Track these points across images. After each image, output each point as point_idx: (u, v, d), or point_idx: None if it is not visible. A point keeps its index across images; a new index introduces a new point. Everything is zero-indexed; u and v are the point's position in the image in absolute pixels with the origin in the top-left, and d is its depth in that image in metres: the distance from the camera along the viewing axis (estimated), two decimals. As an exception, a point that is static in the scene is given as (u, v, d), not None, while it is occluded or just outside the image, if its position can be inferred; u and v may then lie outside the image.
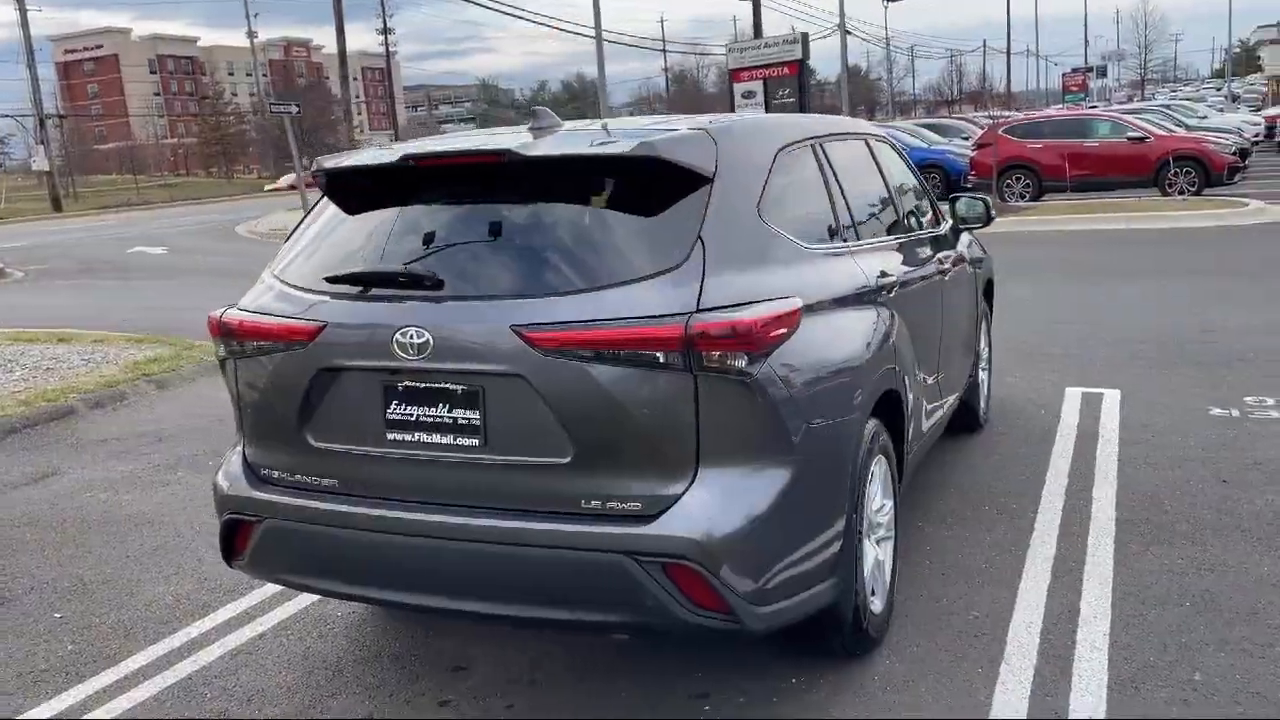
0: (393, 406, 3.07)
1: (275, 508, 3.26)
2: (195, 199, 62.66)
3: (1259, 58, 78.88)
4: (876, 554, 3.63)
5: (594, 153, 3.14)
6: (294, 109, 29.49)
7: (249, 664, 3.85)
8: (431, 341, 2.94)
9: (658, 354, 2.79)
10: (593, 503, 2.88)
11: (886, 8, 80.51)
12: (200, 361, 9.59)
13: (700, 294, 2.84)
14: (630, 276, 2.88)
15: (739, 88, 36.69)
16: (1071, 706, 3.26)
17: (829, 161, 3.93)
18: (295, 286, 3.28)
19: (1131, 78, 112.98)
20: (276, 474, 3.32)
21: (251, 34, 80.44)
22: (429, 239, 3.17)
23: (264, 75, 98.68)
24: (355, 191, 3.43)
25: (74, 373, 9.19)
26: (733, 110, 36.66)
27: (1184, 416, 6.26)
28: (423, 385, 3.02)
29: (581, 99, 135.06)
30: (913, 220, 4.89)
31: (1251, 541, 4.42)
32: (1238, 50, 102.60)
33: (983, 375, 6.22)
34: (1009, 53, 74.07)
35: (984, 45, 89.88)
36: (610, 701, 3.45)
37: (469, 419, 2.98)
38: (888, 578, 3.76)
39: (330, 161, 3.44)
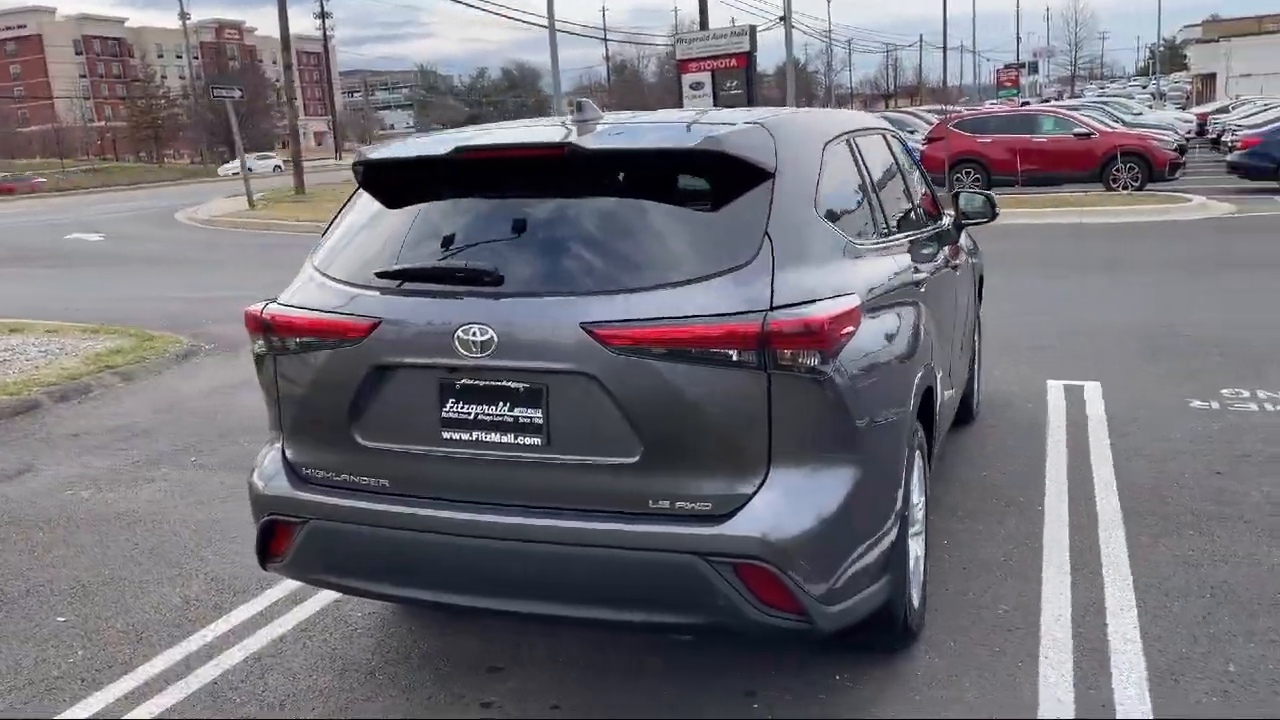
0: (449, 405, 3.00)
1: (321, 508, 3.17)
2: (133, 184, 61.02)
3: (1185, 56, 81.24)
4: (914, 549, 3.65)
5: (657, 147, 3.10)
6: (237, 93, 28.90)
7: (275, 667, 3.75)
8: (495, 339, 2.87)
9: (731, 352, 2.76)
10: (661, 503, 2.85)
11: (829, 1, 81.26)
12: (164, 353, 9.34)
13: (772, 291, 2.81)
14: (700, 274, 2.84)
15: (687, 79, 36.72)
16: (1117, 700, 3.31)
17: (861, 156, 3.93)
18: (343, 281, 3.18)
19: (1060, 74, 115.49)
20: (321, 474, 3.22)
21: (184, 15, 78.51)
22: (485, 234, 3.09)
23: (195, 58, 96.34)
24: (399, 184, 3.34)
25: (32, 365, 8.88)
26: (681, 102, 36.73)
27: (1167, 409, 6.40)
28: (482, 383, 2.95)
29: (521, 87, 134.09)
30: (923, 214, 4.92)
31: (1256, 533, 4.53)
32: (1163, 49, 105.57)
33: (975, 368, 6.30)
34: (945, 48, 75.20)
35: (920, 40, 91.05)
36: (658, 701, 3.42)
37: (531, 418, 2.92)
38: (921, 572, 3.78)
39: (375, 153, 3.34)
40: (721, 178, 2.98)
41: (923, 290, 3.95)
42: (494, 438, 2.97)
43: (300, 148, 34.15)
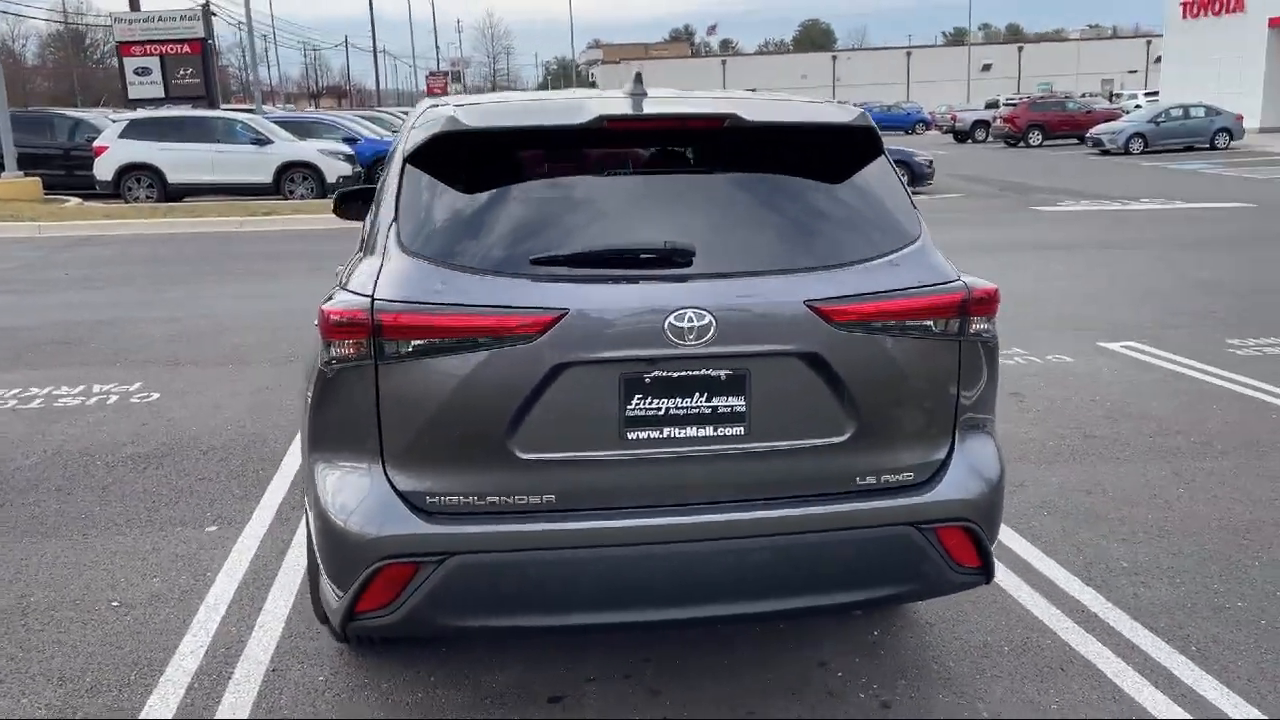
0: (634, 402, 2.68)
1: (469, 541, 2.63)
2: None
3: (590, 75, 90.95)
4: None
5: (818, 121, 3.06)
6: None
7: (292, 759, 2.99)
8: (714, 323, 2.64)
9: (931, 322, 2.84)
10: (867, 478, 2.84)
11: (248, -8, 77.07)
12: None
13: (947, 262, 2.95)
14: (890, 248, 2.88)
15: (131, 63, 33.64)
16: (1085, 602, 3.92)
17: None
18: (474, 269, 2.65)
19: (477, 84, 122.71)
20: (458, 500, 2.65)
21: None
22: (655, 210, 2.81)
23: None
24: (510, 154, 2.90)
25: None
26: (125, 90, 33.21)
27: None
28: (677, 374, 2.68)
29: None
30: None
31: (1013, 461, 5.52)
32: (557, 67, 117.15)
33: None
34: (375, 51, 75.75)
35: (346, 41, 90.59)
36: (750, 690, 3.34)
37: (732, 406, 2.72)
38: None
39: (473, 119, 2.78)
40: (867, 154, 3.03)
41: None
42: (689, 432, 2.71)
43: None
